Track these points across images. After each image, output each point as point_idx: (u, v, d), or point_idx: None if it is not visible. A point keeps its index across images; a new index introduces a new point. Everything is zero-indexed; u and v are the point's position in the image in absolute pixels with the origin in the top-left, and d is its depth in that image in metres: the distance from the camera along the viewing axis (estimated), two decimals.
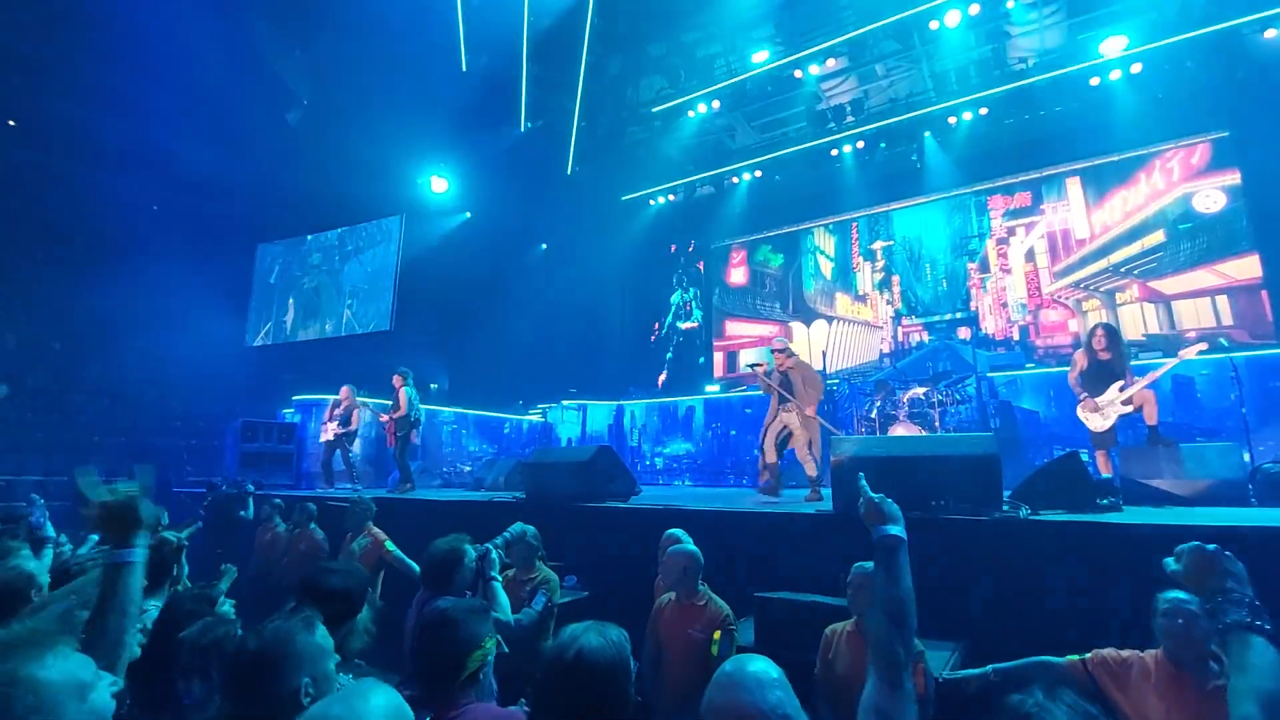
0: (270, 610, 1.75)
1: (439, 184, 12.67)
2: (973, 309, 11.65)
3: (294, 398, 11.18)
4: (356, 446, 9.04)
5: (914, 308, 12.21)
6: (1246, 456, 5.16)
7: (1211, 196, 10.00)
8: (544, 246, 13.63)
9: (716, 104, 11.95)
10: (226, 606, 2.23)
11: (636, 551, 4.55)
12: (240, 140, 12.78)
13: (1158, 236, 10.32)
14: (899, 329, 12.28)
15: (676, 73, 12.40)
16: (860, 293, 12.88)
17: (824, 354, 11.82)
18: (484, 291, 12.37)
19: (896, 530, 1.53)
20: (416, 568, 3.89)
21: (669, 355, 14.73)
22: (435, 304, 12.10)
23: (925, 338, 11.92)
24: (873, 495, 1.58)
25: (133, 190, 13.34)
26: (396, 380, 8.17)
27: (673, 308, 14.90)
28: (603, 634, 1.52)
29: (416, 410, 8.24)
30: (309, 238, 14.51)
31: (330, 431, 8.47)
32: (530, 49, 11.91)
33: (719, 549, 3.85)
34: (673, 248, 15.10)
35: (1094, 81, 10.01)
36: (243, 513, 6.98)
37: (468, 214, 12.87)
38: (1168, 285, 10.15)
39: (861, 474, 1.72)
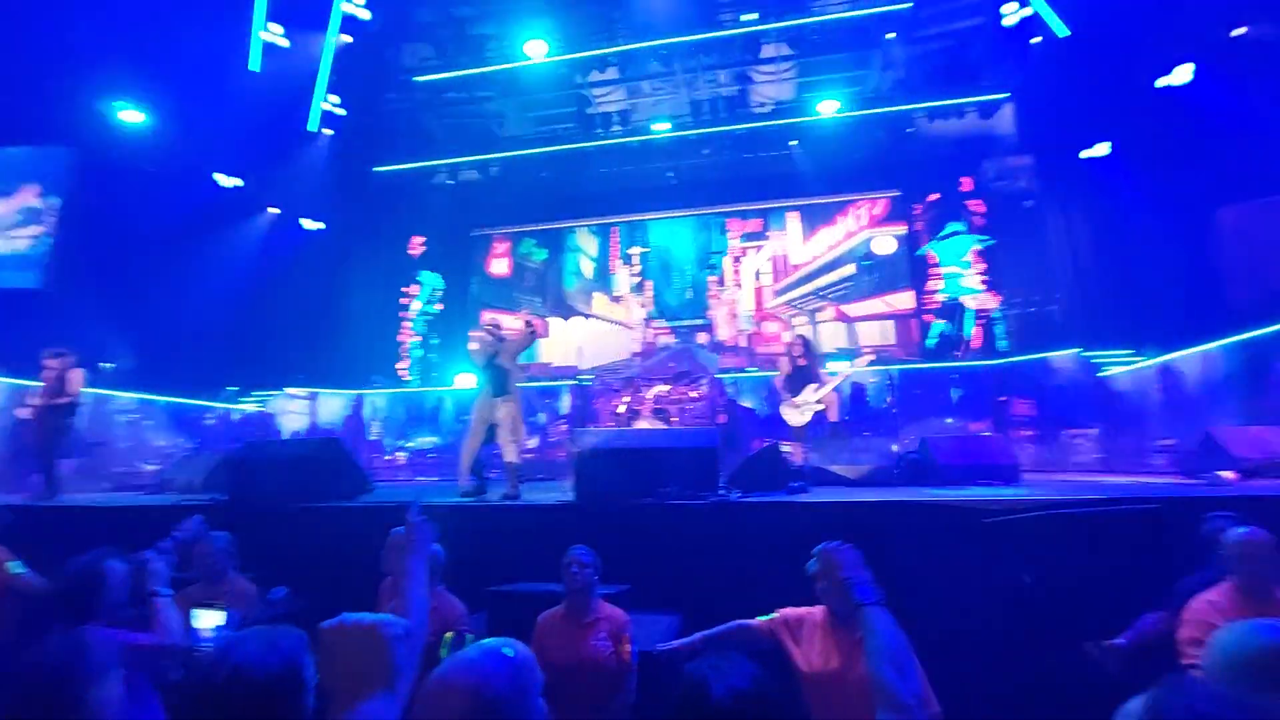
0: None
1: (131, 116, 10.13)
2: (710, 317, 13.06)
3: None
4: None
5: (663, 312, 13.27)
6: (895, 447, 6.53)
7: (886, 242, 12.57)
8: (275, 210, 11.73)
9: (487, 90, 11.59)
10: None
11: (365, 555, 4.12)
12: None
13: (849, 269, 12.66)
14: (648, 330, 13.21)
15: (445, 45, 11.73)
16: (616, 294, 13.58)
17: (579, 350, 12.18)
18: (187, 253, 10.16)
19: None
20: None
21: (417, 343, 13.88)
22: (115, 262, 9.56)
23: (671, 340, 13.00)
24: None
25: None
26: (54, 361, 6.32)
27: (426, 292, 14.06)
28: (268, 642, 1.24)
29: (78, 395, 6.51)
30: None
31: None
32: None
33: (459, 546, 3.67)
34: (476, 230, 14.25)
35: (812, 134, 11.91)
36: None
37: (170, 159, 10.49)
38: (853, 309, 12.51)
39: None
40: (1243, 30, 8.22)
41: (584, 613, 2.87)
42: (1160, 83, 8.88)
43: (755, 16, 10.87)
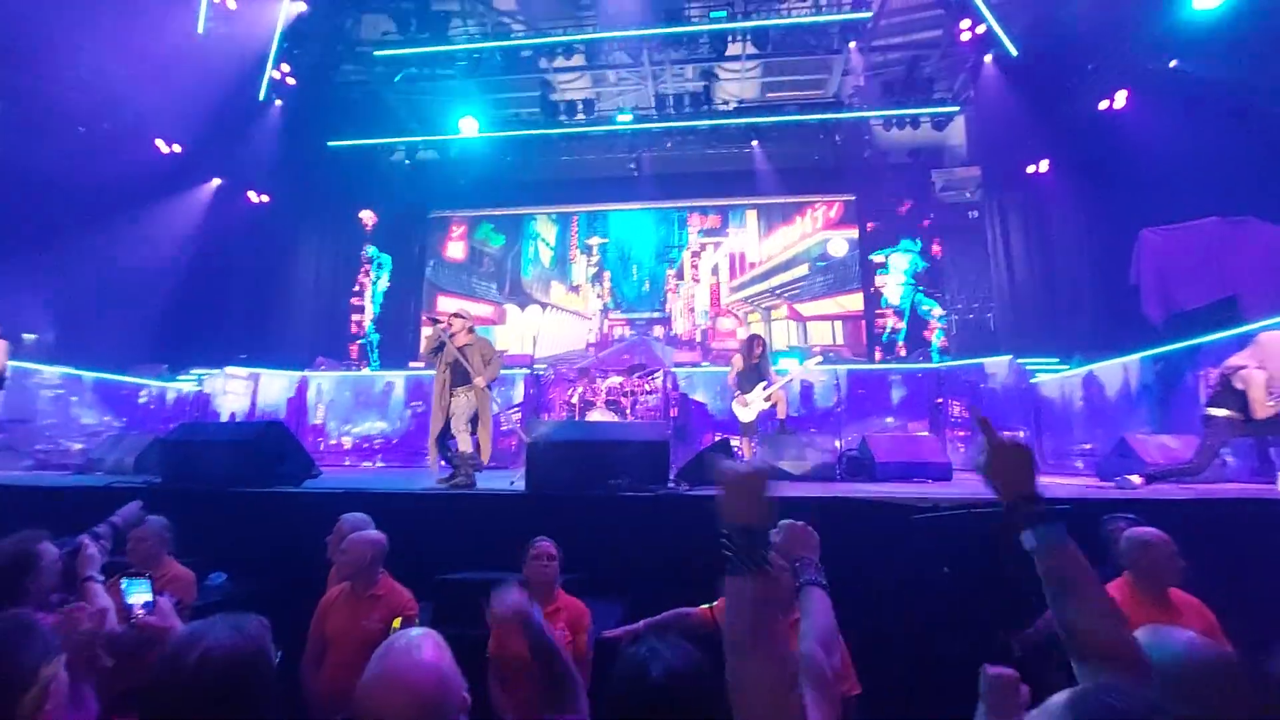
0: None
1: (62, 71, 9.48)
2: (667, 311, 13.18)
3: None
4: None
5: (620, 303, 13.32)
6: (838, 444, 6.76)
7: (840, 244, 12.92)
8: (217, 180, 11.22)
9: (448, 69, 11.33)
10: None
11: (308, 541, 4.06)
12: None
13: (803, 269, 12.96)
14: (605, 322, 13.25)
15: (407, 20, 11.37)
16: (574, 284, 13.55)
17: (535, 339, 12.14)
18: (121, 220, 9.58)
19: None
20: None
21: (370, 325, 13.55)
22: (36, 224, 8.94)
23: (627, 332, 13.08)
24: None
25: None
26: None
27: (378, 274, 13.73)
28: (236, 627, 1.26)
29: (4, 369, 6.21)
30: None
31: None
32: None
33: (409, 534, 3.66)
34: (434, 212, 13.89)
35: (774, 134, 12.10)
36: None
37: (105, 120, 9.87)
38: (806, 309, 12.83)
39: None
40: (1174, 63, 8.76)
41: (545, 603, 2.92)
42: (1102, 106, 9.40)
43: (724, 14, 10.95)
